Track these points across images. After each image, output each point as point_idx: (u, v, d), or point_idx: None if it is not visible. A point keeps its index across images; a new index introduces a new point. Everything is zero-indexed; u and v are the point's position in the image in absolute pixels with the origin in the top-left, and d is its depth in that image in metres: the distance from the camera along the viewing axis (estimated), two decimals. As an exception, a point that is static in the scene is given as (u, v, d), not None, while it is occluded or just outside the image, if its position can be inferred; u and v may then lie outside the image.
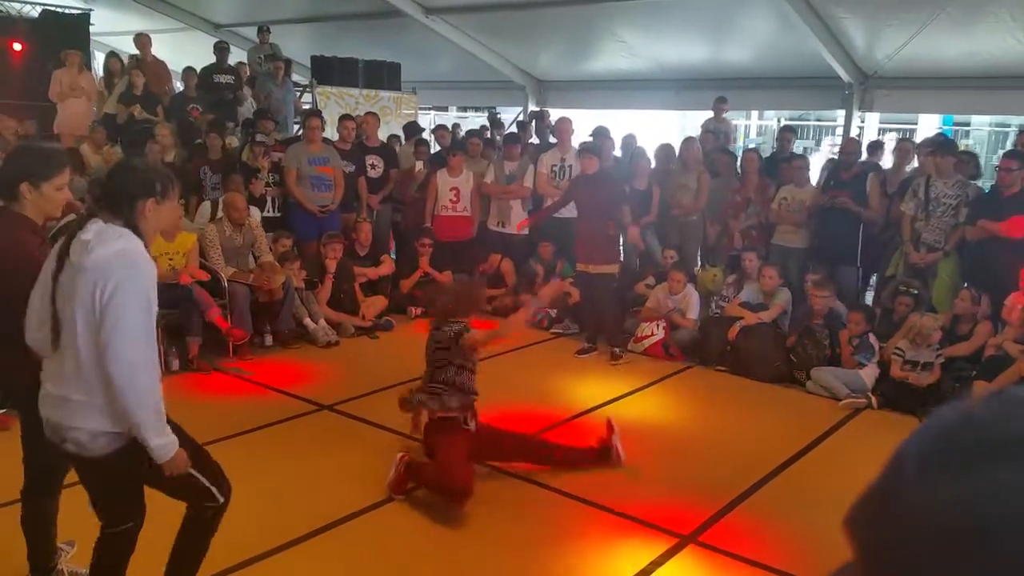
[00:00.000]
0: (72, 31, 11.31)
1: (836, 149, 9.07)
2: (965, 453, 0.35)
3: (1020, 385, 5.23)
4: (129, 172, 2.62)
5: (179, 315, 6.09)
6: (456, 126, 12.32)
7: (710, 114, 9.57)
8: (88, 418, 2.47)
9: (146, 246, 2.53)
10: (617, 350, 6.65)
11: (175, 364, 5.99)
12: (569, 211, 8.00)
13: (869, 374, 5.97)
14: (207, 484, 2.70)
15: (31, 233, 2.88)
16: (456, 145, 8.75)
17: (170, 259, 6.22)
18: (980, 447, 0.35)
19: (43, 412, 2.56)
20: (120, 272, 2.39)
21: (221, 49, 10.63)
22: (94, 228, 2.45)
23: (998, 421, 0.36)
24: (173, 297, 5.99)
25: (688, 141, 8.29)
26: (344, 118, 8.57)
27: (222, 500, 2.76)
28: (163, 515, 2.80)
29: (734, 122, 11.16)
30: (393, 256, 8.50)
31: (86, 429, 2.48)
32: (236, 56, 12.03)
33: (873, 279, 7.80)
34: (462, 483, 3.93)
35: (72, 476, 3.13)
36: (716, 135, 8.89)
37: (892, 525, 0.39)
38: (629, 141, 8.91)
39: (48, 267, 2.53)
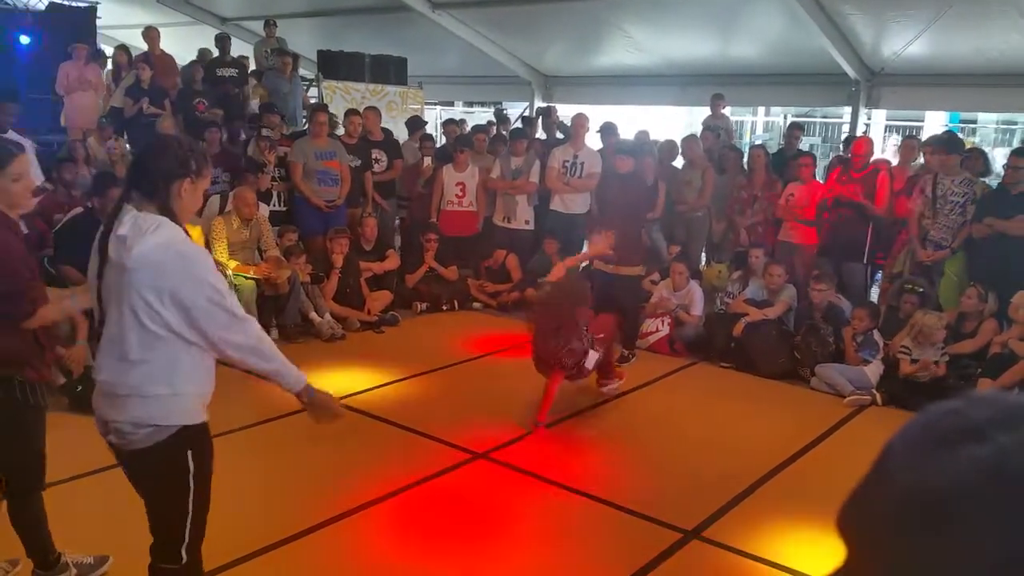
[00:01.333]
0: (79, 24, 11.34)
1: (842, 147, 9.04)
2: (945, 436, 0.42)
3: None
4: (163, 151, 2.45)
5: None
6: (462, 121, 12.32)
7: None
8: (133, 410, 2.41)
9: (182, 228, 2.43)
10: (627, 352, 6.61)
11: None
12: (578, 207, 8.02)
13: (873, 371, 5.96)
14: (186, 528, 2.48)
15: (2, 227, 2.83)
16: (462, 141, 8.76)
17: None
18: (956, 430, 0.42)
19: (94, 404, 2.51)
20: (172, 267, 2.31)
21: (222, 39, 10.63)
22: (128, 220, 2.34)
23: (972, 410, 0.43)
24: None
25: (690, 139, 8.28)
26: (350, 113, 8.59)
27: (184, 560, 2.50)
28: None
29: (741, 118, 11.17)
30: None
31: (129, 420, 2.41)
32: (243, 50, 12.07)
33: (878, 277, 7.79)
34: None
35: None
36: (716, 132, 8.89)
37: (883, 503, 0.44)
38: (642, 137, 8.90)
39: (93, 264, 2.47)
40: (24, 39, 10.87)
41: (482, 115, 15.37)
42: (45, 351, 2.98)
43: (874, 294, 7.64)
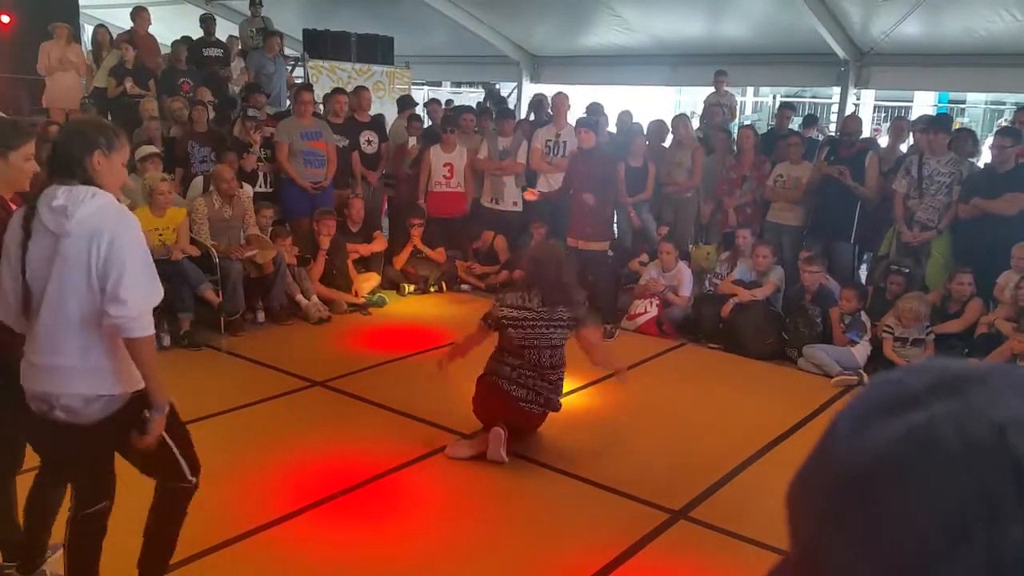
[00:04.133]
0: (61, 3, 11.13)
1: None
2: (882, 405, 0.40)
3: (1012, 362, 5.26)
4: (71, 134, 2.59)
5: (170, 291, 6.04)
6: (449, 102, 12.23)
7: (705, 90, 9.52)
8: (81, 383, 2.45)
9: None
10: (609, 326, 6.67)
11: (166, 340, 5.95)
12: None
13: (861, 352, 5.99)
14: (180, 460, 2.68)
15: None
16: (450, 121, 8.69)
17: (160, 234, 6.17)
18: (894, 399, 0.39)
19: (27, 384, 2.51)
20: (111, 225, 2.42)
21: (207, 20, 10.50)
22: (61, 193, 2.43)
23: (911, 378, 0.41)
24: (164, 272, 5.92)
25: (680, 118, 8.24)
26: (335, 92, 8.49)
27: (193, 481, 2.74)
28: (137, 499, 2.78)
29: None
30: (385, 233, 8.45)
31: (79, 395, 2.45)
32: (228, 29, 11.92)
33: (866, 257, 7.80)
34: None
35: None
36: (722, 108, 8.87)
37: (821, 479, 0.42)
38: (624, 118, 8.87)
39: (13, 238, 2.48)
40: (4, 18, 10.69)
41: (470, 95, 15.27)
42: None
43: (861, 276, 7.66)
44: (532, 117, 9.65)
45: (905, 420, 0.37)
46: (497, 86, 12.53)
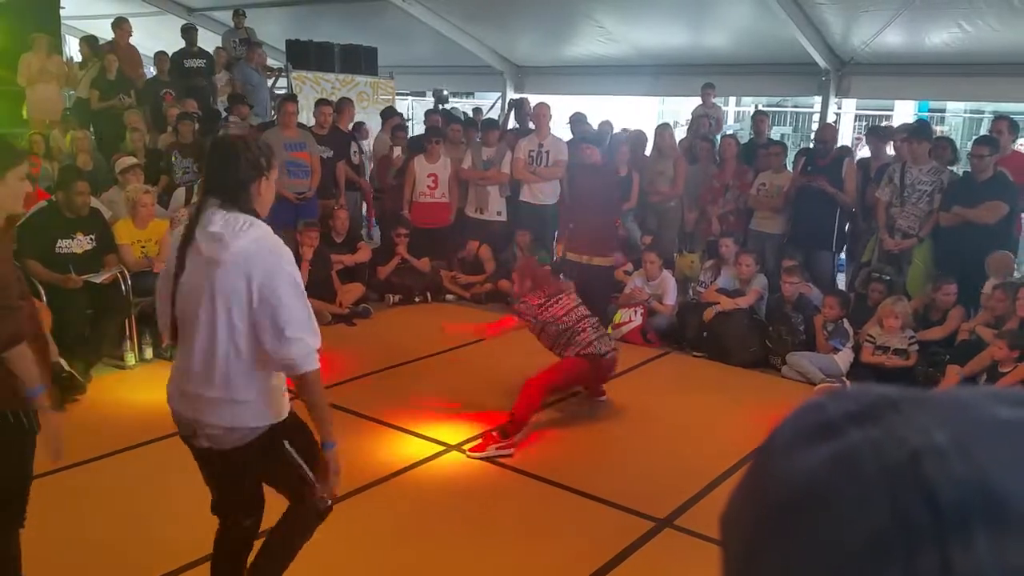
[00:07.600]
0: (42, 14, 11.07)
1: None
2: (805, 433, 0.40)
3: (992, 368, 5.30)
4: (235, 159, 2.48)
5: (152, 303, 6.01)
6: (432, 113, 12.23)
7: (688, 100, 9.58)
8: (226, 414, 2.46)
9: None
10: None
11: (148, 352, 5.92)
12: (547, 197, 8.02)
13: (844, 359, 6.02)
14: (315, 485, 2.69)
15: None
16: (434, 132, 8.70)
17: (143, 247, 6.14)
18: (816, 427, 0.39)
19: (176, 407, 2.57)
20: (266, 259, 2.37)
21: (188, 31, 10.47)
22: (219, 219, 2.40)
23: (832, 405, 0.40)
24: (146, 285, 5.91)
25: (662, 128, 8.29)
26: (321, 103, 8.50)
27: (330, 503, 2.76)
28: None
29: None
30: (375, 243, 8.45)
31: (222, 425, 2.48)
32: (211, 40, 11.90)
33: (843, 264, 7.85)
34: None
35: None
36: (709, 120, 8.96)
37: (746, 509, 0.42)
38: (605, 128, 8.91)
39: (169, 265, 2.50)
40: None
41: (454, 104, 15.28)
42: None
43: (840, 282, 7.71)
44: (513, 115, 9.70)
45: (828, 447, 0.37)
46: (444, 91, 12.61)
